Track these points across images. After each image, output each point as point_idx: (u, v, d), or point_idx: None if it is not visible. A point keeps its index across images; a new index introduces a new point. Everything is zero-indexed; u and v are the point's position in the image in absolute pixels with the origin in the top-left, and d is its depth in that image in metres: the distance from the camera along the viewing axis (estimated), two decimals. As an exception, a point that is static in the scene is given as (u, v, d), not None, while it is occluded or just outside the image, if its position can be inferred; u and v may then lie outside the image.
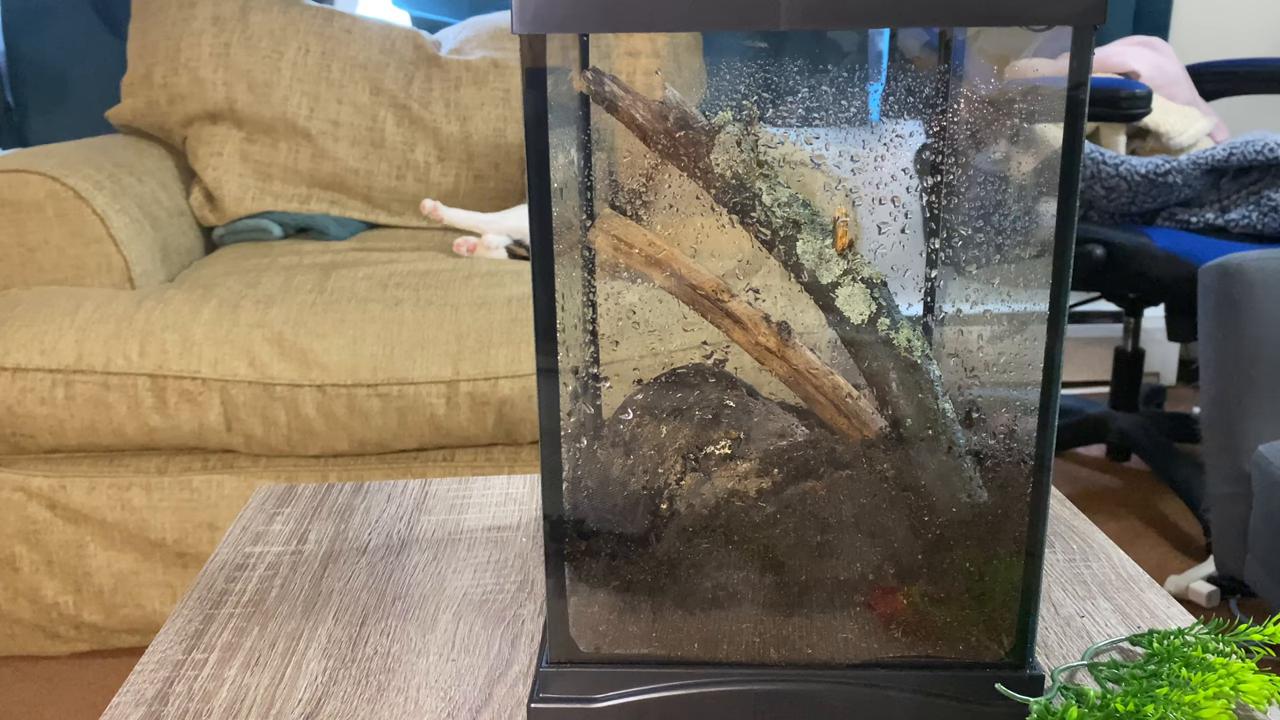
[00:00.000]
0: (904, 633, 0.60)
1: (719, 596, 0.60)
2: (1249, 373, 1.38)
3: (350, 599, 0.74)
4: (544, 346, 0.56)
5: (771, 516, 0.59)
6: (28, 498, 1.47)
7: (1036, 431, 0.56)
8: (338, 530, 0.84)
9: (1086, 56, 0.50)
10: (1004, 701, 0.58)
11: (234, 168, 1.97)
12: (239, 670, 0.66)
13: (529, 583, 0.76)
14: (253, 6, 1.98)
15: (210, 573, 0.78)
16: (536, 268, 0.54)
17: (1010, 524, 0.58)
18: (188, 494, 1.48)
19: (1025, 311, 0.56)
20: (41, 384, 1.42)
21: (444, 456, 1.51)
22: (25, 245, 1.61)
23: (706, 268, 0.58)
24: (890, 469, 0.59)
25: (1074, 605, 0.72)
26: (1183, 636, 0.63)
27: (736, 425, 0.61)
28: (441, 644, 0.69)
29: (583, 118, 0.60)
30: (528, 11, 0.49)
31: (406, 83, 2.03)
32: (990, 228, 0.59)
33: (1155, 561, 1.83)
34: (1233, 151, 1.72)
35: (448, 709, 0.62)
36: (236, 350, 1.44)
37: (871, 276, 0.58)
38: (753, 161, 0.56)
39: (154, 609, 1.52)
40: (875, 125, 0.57)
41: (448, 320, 1.49)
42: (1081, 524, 0.83)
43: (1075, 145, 0.52)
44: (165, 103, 1.95)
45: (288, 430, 1.45)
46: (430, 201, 1.92)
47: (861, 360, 0.59)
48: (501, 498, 0.89)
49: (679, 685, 0.59)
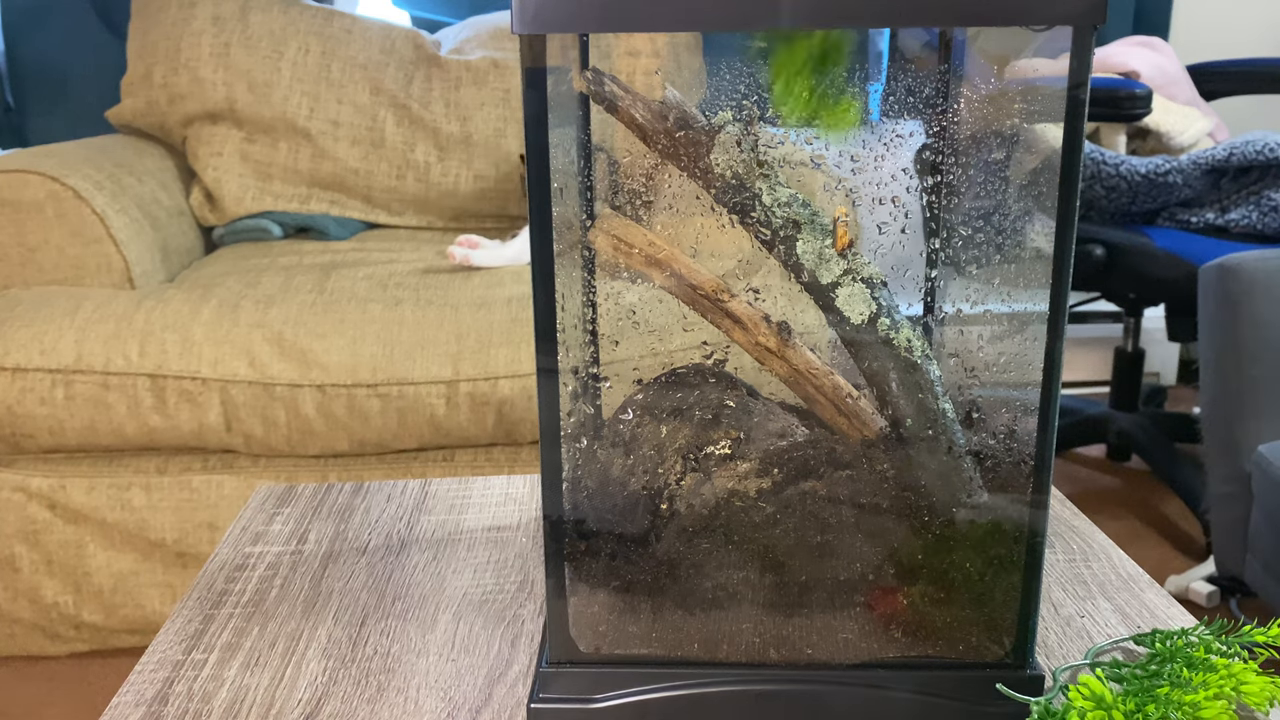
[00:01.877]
0: (904, 633, 0.60)
1: (719, 596, 0.60)
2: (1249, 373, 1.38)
3: (350, 599, 0.74)
4: (544, 346, 0.55)
5: (771, 516, 0.59)
6: (27, 498, 1.47)
7: (1036, 431, 0.56)
8: (338, 530, 0.84)
9: (1086, 56, 0.50)
10: (1004, 702, 0.58)
11: (234, 168, 1.97)
12: (239, 670, 0.66)
13: (529, 583, 0.76)
14: (253, 6, 1.98)
15: (210, 573, 0.78)
16: (536, 268, 0.54)
17: (1010, 524, 0.58)
18: (188, 494, 1.48)
19: (1025, 311, 0.56)
20: (41, 384, 1.42)
21: (444, 456, 1.51)
22: (25, 245, 1.61)
23: (706, 268, 0.58)
24: (890, 469, 0.59)
25: (1074, 605, 0.72)
26: (1186, 637, 0.63)
27: (736, 425, 0.61)
28: (441, 644, 0.69)
29: (583, 118, 0.60)
30: (528, 11, 0.49)
31: (406, 83, 2.03)
32: (990, 228, 0.59)
33: (1155, 561, 1.83)
34: (1233, 151, 1.72)
35: (448, 709, 0.62)
36: (236, 350, 1.43)
37: (871, 276, 0.58)
38: (753, 161, 0.56)
39: (154, 609, 1.52)
40: (875, 125, 0.57)
41: (448, 320, 1.49)
42: (1081, 524, 0.83)
43: (1075, 145, 0.52)
44: (165, 103, 1.95)
45: (288, 430, 1.45)
46: (459, 252, 1.74)
47: (861, 360, 0.59)
48: (501, 498, 0.89)
49: (679, 685, 0.59)
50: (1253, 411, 1.37)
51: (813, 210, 0.57)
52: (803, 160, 0.57)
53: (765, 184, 0.57)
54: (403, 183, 2.03)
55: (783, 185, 0.57)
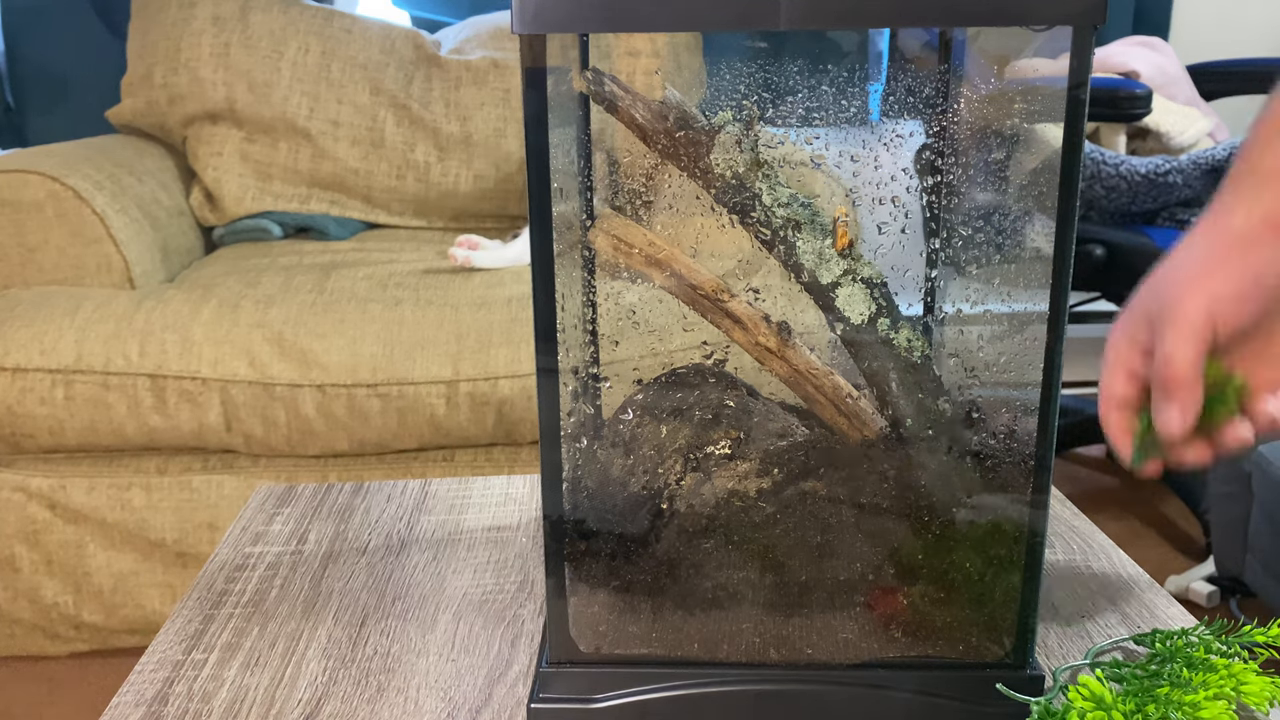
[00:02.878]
0: (904, 633, 0.60)
1: (719, 596, 0.59)
2: (1249, 373, 1.37)
3: (350, 599, 0.74)
4: (544, 346, 0.55)
5: (771, 516, 0.59)
6: (28, 498, 1.47)
7: (1036, 431, 0.56)
8: (338, 530, 0.84)
9: (1086, 56, 0.50)
10: (1004, 701, 0.58)
11: (234, 168, 1.97)
12: (239, 670, 0.66)
13: (529, 583, 0.76)
14: (253, 6, 1.98)
15: (210, 573, 0.78)
16: (536, 268, 0.54)
17: (1010, 524, 0.58)
18: (188, 494, 1.48)
19: (1025, 311, 0.56)
20: (41, 384, 1.42)
21: (444, 456, 1.51)
22: (25, 245, 1.61)
23: (706, 268, 0.58)
24: (890, 469, 0.59)
25: (1074, 605, 0.72)
26: (1186, 637, 0.63)
27: (736, 425, 0.61)
28: (441, 644, 0.69)
29: (583, 118, 0.60)
30: (528, 11, 0.49)
31: (406, 83, 2.03)
32: (990, 228, 0.59)
33: (1155, 561, 1.82)
34: (1233, 151, 1.72)
35: (448, 709, 0.62)
36: (236, 350, 1.43)
37: (871, 276, 0.58)
38: (753, 161, 0.56)
39: (154, 609, 1.52)
40: (875, 125, 0.57)
41: (448, 320, 1.49)
42: (1082, 524, 0.83)
43: (1075, 145, 0.52)
44: (165, 103, 1.95)
45: (288, 430, 1.45)
46: (460, 253, 1.74)
47: (861, 360, 0.59)
48: (501, 498, 0.89)
49: (679, 685, 0.59)
50: (1253, 411, 1.37)
51: (813, 210, 0.57)
52: (803, 160, 0.57)
53: (765, 184, 0.57)
54: (403, 183, 2.03)
55: (783, 185, 0.57)
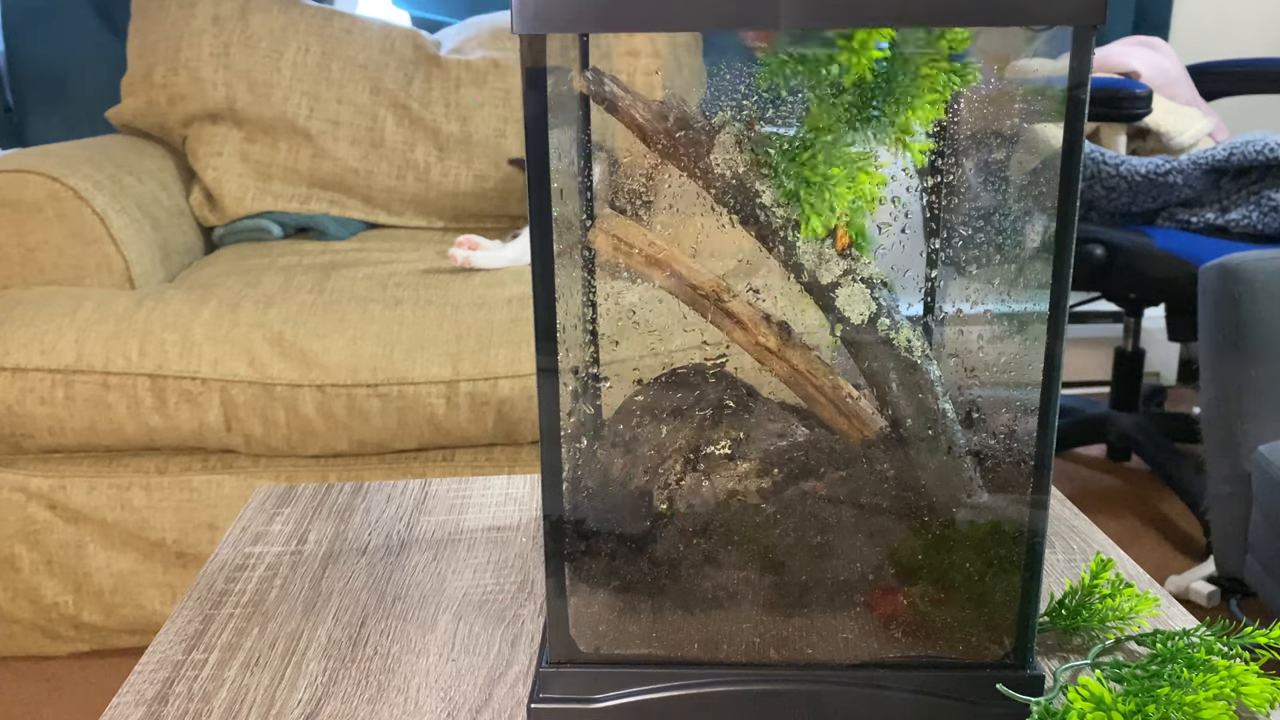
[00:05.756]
0: (904, 633, 0.60)
1: (719, 596, 0.59)
2: (1249, 373, 1.38)
3: (350, 599, 0.74)
4: (544, 346, 0.55)
5: (771, 517, 0.59)
6: (27, 498, 1.47)
7: (1036, 431, 0.56)
8: (338, 530, 0.84)
9: (1086, 56, 0.50)
10: (1004, 702, 0.58)
11: (234, 168, 1.97)
12: (239, 670, 0.66)
13: (529, 583, 0.76)
14: (253, 6, 1.98)
15: (210, 573, 0.78)
16: (536, 268, 0.54)
17: (1010, 524, 0.58)
18: (188, 494, 1.48)
19: (1025, 311, 0.56)
20: (41, 384, 1.42)
21: (444, 456, 1.51)
22: (25, 245, 1.61)
23: (706, 268, 0.58)
24: (890, 469, 0.59)
25: (1074, 605, 0.72)
26: (1186, 637, 0.63)
27: (736, 425, 0.61)
28: (441, 644, 0.69)
29: (583, 118, 0.60)
30: (528, 11, 0.49)
31: (406, 83, 2.03)
32: (990, 228, 0.59)
33: (1155, 561, 1.83)
34: (1233, 151, 1.72)
35: (448, 709, 0.62)
36: (236, 350, 1.43)
37: (871, 276, 0.58)
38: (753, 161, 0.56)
39: (154, 609, 1.52)
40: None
41: (447, 320, 1.49)
42: (1081, 524, 0.83)
43: (1075, 145, 0.52)
44: (165, 103, 1.95)
45: (287, 430, 1.45)
46: (460, 253, 1.74)
47: (861, 360, 0.59)
48: (501, 498, 0.89)
49: (679, 685, 0.59)
50: (1253, 411, 1.37)
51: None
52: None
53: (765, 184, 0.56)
54: (403, 183, 2.03)
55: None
